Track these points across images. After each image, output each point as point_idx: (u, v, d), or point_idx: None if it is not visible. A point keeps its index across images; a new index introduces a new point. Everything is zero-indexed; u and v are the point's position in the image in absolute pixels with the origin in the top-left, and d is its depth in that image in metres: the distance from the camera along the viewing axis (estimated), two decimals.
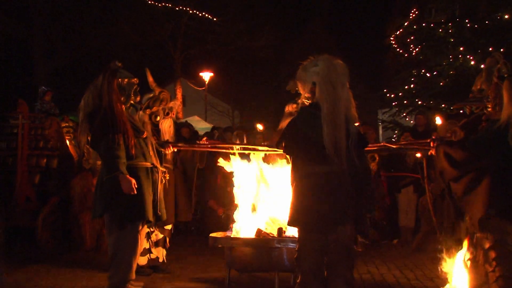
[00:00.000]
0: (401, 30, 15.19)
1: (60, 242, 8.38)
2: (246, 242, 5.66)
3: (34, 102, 11.20)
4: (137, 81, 5.60)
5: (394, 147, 5.97)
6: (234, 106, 33.11)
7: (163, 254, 6.50)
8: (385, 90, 15.23)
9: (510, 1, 12.50)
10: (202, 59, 25.19)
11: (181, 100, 24.43)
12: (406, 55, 14.82)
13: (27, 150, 9.20)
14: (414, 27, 14.41)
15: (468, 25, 12.93)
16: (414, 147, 5.95)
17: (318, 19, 33.67)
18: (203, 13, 22.91)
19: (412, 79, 13.84)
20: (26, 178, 9.05)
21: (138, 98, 5.68)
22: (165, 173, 5.80)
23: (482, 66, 11.09)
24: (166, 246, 6.54)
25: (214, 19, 23.06)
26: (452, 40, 13.15)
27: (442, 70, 13.19)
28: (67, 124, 10.03)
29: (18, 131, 9.19)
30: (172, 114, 6.38)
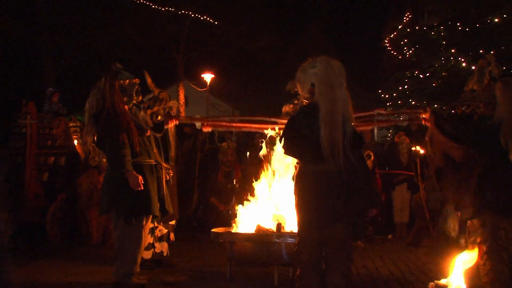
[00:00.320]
0: (395, 33, 15.18)
1: (68, 236, 8.40)
2: (246, 237, 5.67)
3: (42, 103, 11.18)
4: (138, 81, 5.60)
5: (385, 112, 6.03)
6: (234, 106, 33.09)
7: (167, 248, 6.51)
8: (380, 91, 15.24)
9: (499, 5, 12.53)
10: (203, 61, 25.18)
11: (183, 100, 24.41)
12: (400, 57, 14.83)
13: (36, 149, 9.22)
14: (408, 30, 14.41)
15: (459, 28, 12.95)
16: (410, 112, 5.99)
17: (316, 22, 33.68)
18: (205, 16, 22.90)
19: (406, 80, 13.85)
20: (35, 176, 9.08)
21: (140, 98, 5.69)
22: (168, 169, 5.81)
23: (473, 68, 11.13)
24: (170, 241, 6.54)
25: (215, 23, 23.05)
26: (444, 42, 13.17)
27: (434, 71, 13.21)
28: (75, 124, 10.04)
29: (26, 131, 9.21)
30: (172, 112, 6.37)
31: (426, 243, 7.90)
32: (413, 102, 13.49)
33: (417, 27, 14.15)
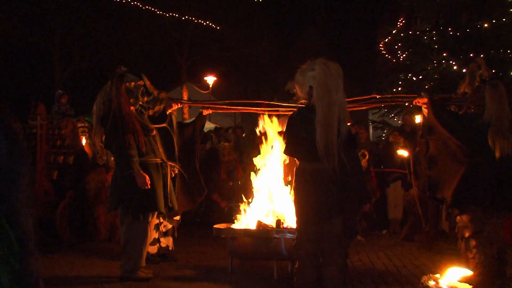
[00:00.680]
0: (389, 38, 15.17)
1: (76, 232, 8.39)
2: (247, 232, 5.68)
3: (52, 104, 11.19)
4: (142, 83, 5.60)
5: (380, 97, 6.10)
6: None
7: (172, 243, 6.51)
8: (375, 92, 15.20)
9: (488, 11, 12.55)
10: (206, 65, 25.16)
11: None
12: (394, 61, 14.80)
13: (46, 148, 9.22)
14: (402, 35, 14.38)
15: (451, 33, 12.94)
16: (404, 97, 6.07)
17: (313, 27, 33.63)
18: (207, 22, 22.90)
19: (399, 83, 13.81)
20: (45, 174, 9.07)
21: (145, 98, 5.69)
22: (173, 167, 5.81)
23: (464, 71, 11.12)
24: (174, 236, 6.54)
25: (217, 28, 23.05)
26: (436, 46, 13.14)
27: (427, 74, 13.18)
28: (83, 124, 10.05)
29: (37, 131, 9.21)
30: (171, 110, 6.33)
31: (418, 238, 7.90)
32: (406, 104, 13.47)
33: (410, 32, 14.13)
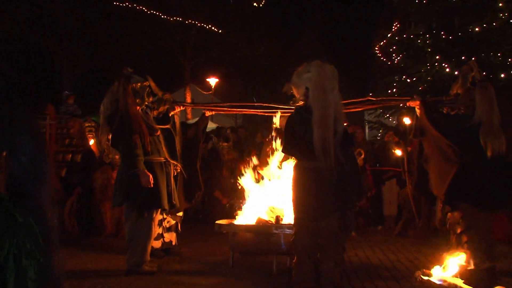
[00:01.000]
0: (384, 41, 15.17)
1: (83, 228, 8.40)
2: (247, 228, 5.67)
3: (60, 105, 11.19)
4: (148, 84, 5.60)
5: (376, 100, 6.09)
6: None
7: (175, 238, 6.51)
8: (370, 94, 15.21)
9: (479, 16, 12.56)
10: (208, 66, 25.18)
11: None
12: (389, 63, 14.80)
13: (54, 147, 9.22)
14: (396, 38, 14.39)
15: (443, 36, 12.95)
16: (398, 99, 6.06)
17: (311, 31, 33.57)
18: (210, 25, 22.91)
19: (394, 84, 13.82)
20: (54, 172, 9.06)
21: (151, 99, 5.68)
22: (176, 166, 5.81)
23: (456, 73, 11.13)
24: (178, 231, 6.54)
25: (219, 31, 23.05)
26: (429, 49, 13.15)
27: (420, 76, 13.19)
28: (89, 124, 10.04)
29: (46, 131, 9.21)
30: (173, 112, 6.33)
31: (412, 234, 7.90)
32: (401, 105, 13.47)
33: (404, 36, 14.15)
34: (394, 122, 13.47)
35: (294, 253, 4.32)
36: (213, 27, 23.00)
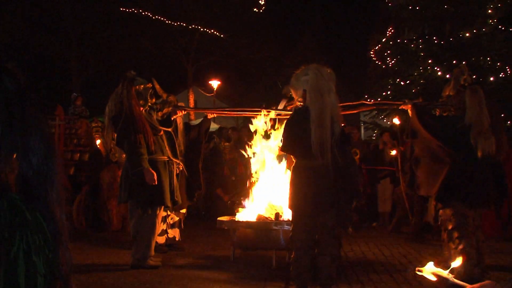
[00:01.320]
0: (380, 46, 15.16)
1: (91, 223, 8.39)
2: (248, 224, 5.67)
3: (69, 106, 11.19)
4: (151, 85, 5.60)
5: (370, 103, 6.11)
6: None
7: (178, 234, 6.51)
8: (366, 96, 15.21)
9: (470, 22, 12.61)
10: (211, 69, 25.17)
11: (193, 104, 24.38)
12: (384, 66, 14.80)
13: (63, 146, 9.22)
14: (391, 43, 14.40)
15: (435, 41, 12.98)
16: (390, 103, 6.08)
17: (310, 36, 33.54)
18: (212, 30, 22.93)
19: (389, 87, 13.83)
20: (63, 171, 9.05)
21: (154, 100, 5.68)
22: (179, 164, 5.81)
23: (448, 76, 11.12)
24: (181, 227, 6.54)
25: (221, 36, 23.06)
26: (422, 54, 13.17)
27: (413, 79, 13.23)
28: (96, 124, 10.04)
29: (55, 131, 9.21)
30: (175, 116, 6.30)
31: (405, 230, 7.90)
32: (395, 106, 13.47)
33: (398, 40, 14.16)
34: (389, 123, 13.46)
35: (292, 249, 4.32)
36: (215, 32, 23.00)
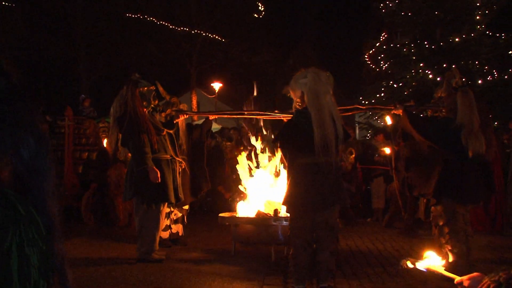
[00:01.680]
0: (373, 50, 15.16)
1: (99, 219, 8.38)
2: (248, 220, 5.66)
3: (77, 107, 11.18)
4: (154, 88, 5.59)
5: (364, 108, 6.12)
6: (239, 110, 32.84)
7: (182, 229, 6.49)
8: (360, 98, 15.21)
9: (459, 27, 12.63)
10: (213, 72, 25.16)
11: (195, 106, 24.39)
12: (377, 70, 14.79)
13: (72, 146, 9.22)
14: (384, 47, 14.40)
15: (426, 46, 12.99)
16: (382, 107, 6.10)
17: (307, 41, 33.53)
18: (214, 35, 22.95)
19: (382, 89, 13.82)
20: (72, 169, 9.06)
21: (157, 102, 5.67)
22: (181, 163, 5.79)
23: (438, 79, 11.11)
24: (184, 223, 6.53)
25: (223, 40, 23.08)
26: (414, 58, 13.17)
27: (406, 82, 13.23)
28: (103, 124, 10.04)
29: (65, 131, 9.21)
30: (177, 120, 6.28)
31: (398, 226, 7.89)
32: (385, 110, 13.47)
33: (391, 45, 14.17)
34: (382, 124, 13.44)
35: (291, 245, 4.28)
36: (217, 37, 23.02)
